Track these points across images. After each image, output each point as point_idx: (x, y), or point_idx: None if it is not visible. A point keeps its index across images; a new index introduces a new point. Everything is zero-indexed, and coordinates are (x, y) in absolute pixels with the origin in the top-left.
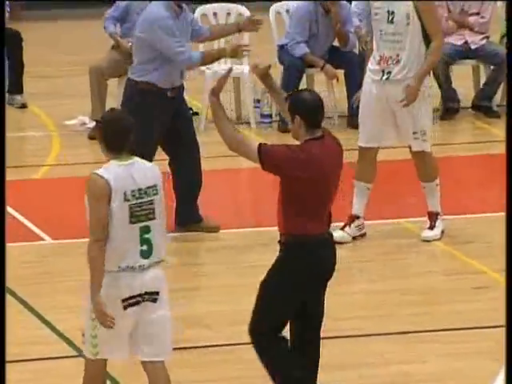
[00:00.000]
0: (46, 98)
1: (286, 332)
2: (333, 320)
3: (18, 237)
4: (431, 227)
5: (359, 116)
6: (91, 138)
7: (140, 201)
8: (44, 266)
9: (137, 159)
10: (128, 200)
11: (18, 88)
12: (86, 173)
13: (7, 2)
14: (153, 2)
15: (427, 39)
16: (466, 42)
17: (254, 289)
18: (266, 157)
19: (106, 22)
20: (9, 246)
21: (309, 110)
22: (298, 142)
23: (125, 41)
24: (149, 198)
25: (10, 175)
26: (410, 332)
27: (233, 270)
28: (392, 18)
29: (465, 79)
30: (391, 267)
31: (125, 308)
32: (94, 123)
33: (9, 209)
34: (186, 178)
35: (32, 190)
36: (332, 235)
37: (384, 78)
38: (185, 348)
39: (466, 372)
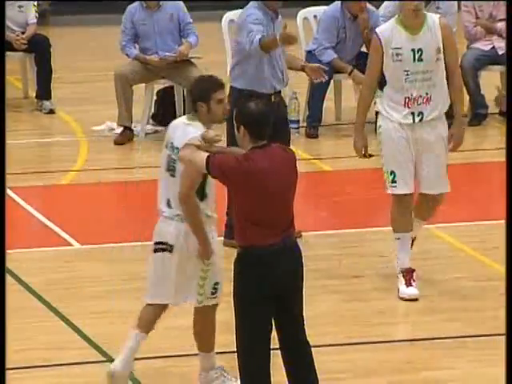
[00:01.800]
0: (74, 104)
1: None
2: (361, 326)
3: (46, 242)
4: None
5: (387, 165)
6: (117, 143)
7: (169, 153)
8: (71, 271)
9: (194, 122)
10: (166, 147)
11: (46, 94)
12: (114, 178)
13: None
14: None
15: (446, 73)
16: (493, 48)
17: None
18: (213, 166)
19: (124, 50)
20: (36, 250)
21: (253, 122)
22: None
23: (153, 57)
24: (169, 153)
25: (37, 181)
26: (439, 338)
27: None
28: (420, 56)
29: (492, 85)
30: (420, 273)
31: (154, 251)
32: (121, 129)
33: (36, 214)
34: None
35: (60, 195)
36: (292, 243)
37: (417, 120)
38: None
39: (494, 378)
